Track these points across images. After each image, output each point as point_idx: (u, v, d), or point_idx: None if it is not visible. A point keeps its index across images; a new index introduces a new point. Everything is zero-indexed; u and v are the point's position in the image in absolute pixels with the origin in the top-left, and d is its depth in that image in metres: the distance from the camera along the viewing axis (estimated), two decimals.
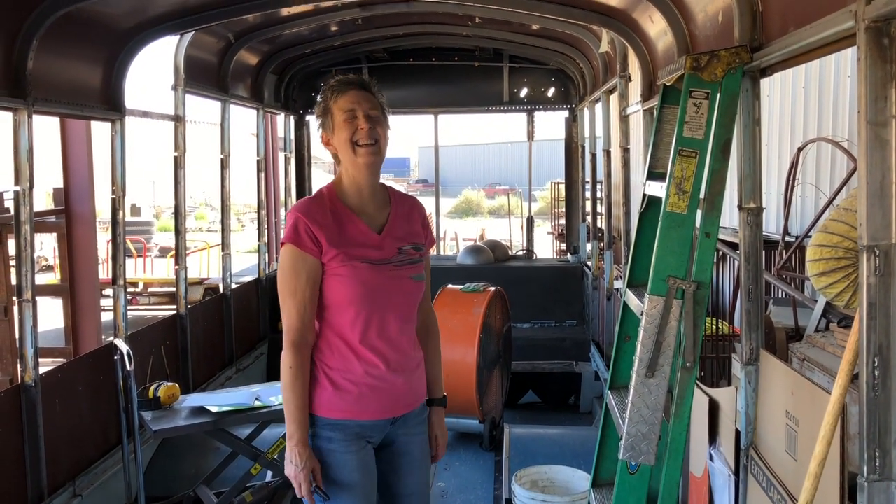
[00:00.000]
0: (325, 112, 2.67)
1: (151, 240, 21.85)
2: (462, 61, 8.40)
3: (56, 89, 4.20)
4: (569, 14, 5.03)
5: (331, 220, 2.62)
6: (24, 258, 3.92)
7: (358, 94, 2.65)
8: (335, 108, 2.65)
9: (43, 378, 4.06)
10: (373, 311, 2.62)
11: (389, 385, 2.66)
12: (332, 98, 2.66)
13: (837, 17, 2.02)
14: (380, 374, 2.64)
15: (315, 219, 2.59)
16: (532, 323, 8.10)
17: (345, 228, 2.63)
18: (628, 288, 3.11)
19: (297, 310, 2.56)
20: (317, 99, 2.75)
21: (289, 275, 2.58)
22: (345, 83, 2.68)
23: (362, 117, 2.62)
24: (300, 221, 2.58)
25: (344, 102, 2.64)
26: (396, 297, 2.67)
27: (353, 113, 2.62)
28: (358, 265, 2.60)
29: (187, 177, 5.77)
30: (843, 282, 3.24)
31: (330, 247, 2.58)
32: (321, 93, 2.73)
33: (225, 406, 4.20)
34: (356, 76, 2.76)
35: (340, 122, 2.63)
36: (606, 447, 3.24)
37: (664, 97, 3.01)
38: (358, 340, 2.61)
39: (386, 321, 2.64)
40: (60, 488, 4.23)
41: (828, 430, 2.05)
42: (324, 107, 2.68)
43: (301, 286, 2.56)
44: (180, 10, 4.98)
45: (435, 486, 5.34)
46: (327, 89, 2.69)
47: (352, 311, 2.60)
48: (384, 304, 2.64)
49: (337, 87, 2.67)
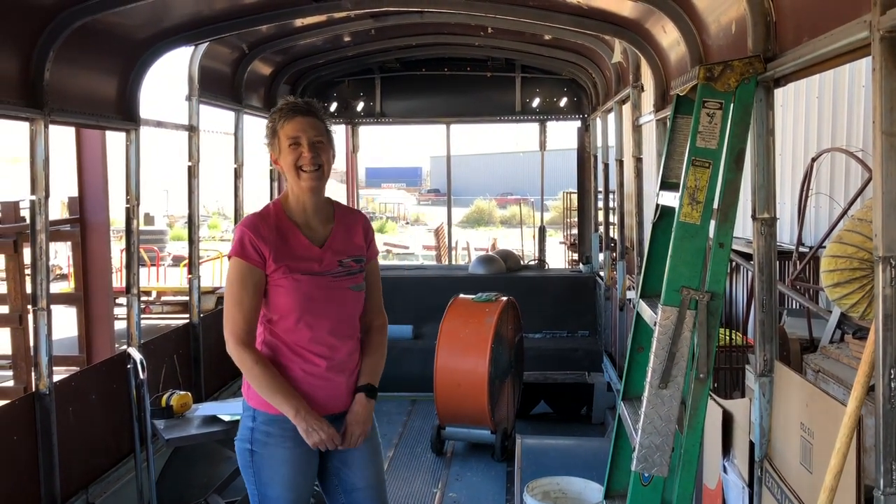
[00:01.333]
0: (273, 134, 2.86)
1: (165, 249, 21.95)
2: (474, 71, 8.42)
3: (72, 99, 4.24)
4: (581, 24, 5.03)
5: (275, 236, 2.83)
6: (39, 267, 3.94)
7: (303, 122, 2.82)
8: (281, 134, 2.83)
9: (57, 386, 4.08)
10: (312, 318, 2.84)
11: (329, 384, 2.89)
12: (278, 122, 2.84)
13: (852, 27, 2.01)
14: (319, 373, 2.87)
15: (260, 234, 2.81)
16: (544, 333, 8.08)
17: (288, 243, 2.85)
18: (641, 298, 3.10)
19: (242, 316, 2.81)
20: (266, 121, 2.92)
21: (236, 285, 2.81)
22: (291, 109, 2.84)
23: (306, 145, 2.81)
24: (246, 236, 2.80)
25: (290, 129, 2.82)
26: (334, 305, 2.89)
27: (297, 140, 2.80)
28: (299, 277, 2.82)
29: (201, 186, 5.80)
30: (858, 293, 3.22)
31: (273, 261, 2.80)
32: (270, 114, 2.92)
33: (237, 415, 4.20)
34: (303, 101, 2.91)
35: (286, 147, 2.82)
36: (619, 458, 3.22)
37: (677, 107, 3.00)
38: (297, 343, 2.85)
39: (324, 327, 2.86)
40: (73, 496, 4.24)
41: (843, 443, 2.03)
42: (272, 129, 2.86)
43: (248, 296, 2.80)
44: (195, 22, 5.02)
45: (447, 496, 5.32)
46: (275, 112, 2.88)
47: (293, 317, 2.84)
48: (322, 311, 2.86)
49: (284, 114, 2.84)
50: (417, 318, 7.71)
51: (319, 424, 2.79)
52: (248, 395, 2.92)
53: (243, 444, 2.91)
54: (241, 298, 2.81)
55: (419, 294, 7.91)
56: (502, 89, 8.51)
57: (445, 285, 7.57)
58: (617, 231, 7.36)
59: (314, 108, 2.88)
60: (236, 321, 2.81)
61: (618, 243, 7.16)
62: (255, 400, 2.88)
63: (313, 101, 2.94)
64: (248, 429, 2.89)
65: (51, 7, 3.86)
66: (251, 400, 2.91)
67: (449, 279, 8.36)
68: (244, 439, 2.91)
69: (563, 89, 8.48)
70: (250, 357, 2.81)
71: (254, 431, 2.87)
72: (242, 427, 2.94)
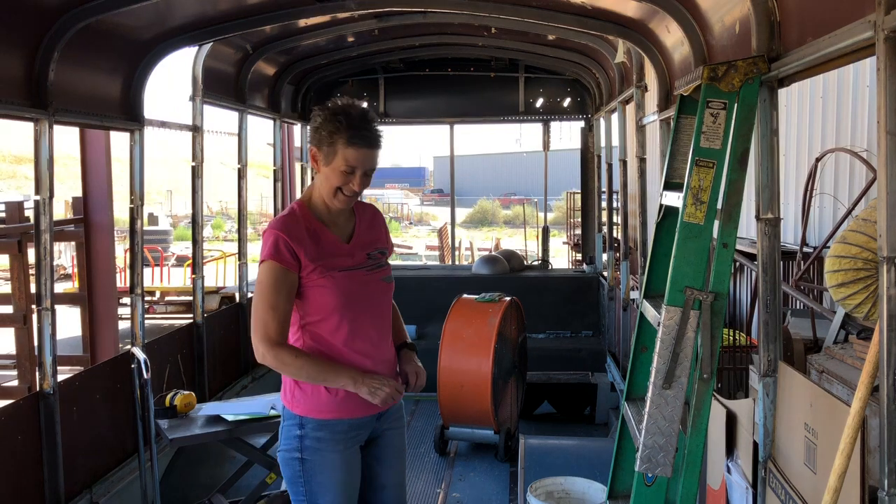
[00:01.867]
0: (331, 143, 2.70)
1: (168, 249, 21.99)
2: (478, 71, 8.43)
3: (76, 100, 4.25)
4: (585, 24, 5.03)
5: (307, 236, 2.76)
6: (43, 267, 3.95)
7: (368, 154, 2.72)
8: (340, 153, 2.70)
9: (61, 386, 4.09)
10: (354, 316, 2.80)
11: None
12: (344, 140, 2.69)
13: (856, 27, 2.01)
14: (365, 370, 2.81)
15: (294, 235, 2.73)
16: (547, 333, 8.08)
17: (320, 242, 2.79)
18: (645, 298, 3.09)
19: (276, 321, 2.69)
20: (326, 114, 2.73)
21: (269, 290, 2.70)
22: (364, 138, 2.70)
23: (358, 176, 2.74)
24: (280, 238, 2.71)
25: (352, 157, 2.70)
26: (372, 299, 2.86)
27: (354, 170, 2.72)
28: (336, 275, 2.77)
29: (204, 186, 5.81)
30: (862, 293, 3.21)
31: (309, 261, 2.73)
32: (336, 117, 2.70)
33: (241, 415, 4.21)
34: (375, 130, 2.75)
35: (339, 169, 2.72)
36: (623, 459, 3.22)
37: (681, 107, 3.00)
38: (342, 344, 2.79)
39: (366, 323, 2.83)
40: (77, 496, 4.25)
41: (848, 443, 2.02)
42: (332, 136, 2.69)
43: (282, 300, 2.70)
44: (199, 22, 5.03)
45: (450, 496, 5.32)
46: (346, 127, 2.68)
47: (335, 317, 2.78)
48: (363, 307, 2.82)
49: (353, 137, 2.68)
50: (421, 319, 7.71)
51: (381, 381, 2.75)
52: (293, 404, 2.83)
53: (291, 455, 2.82)
54: (275, 303, 2.70)
55: (423, 294, 7.92)
56: (506, 89, 8.51)
57: (449, 285, 7.58)
58: (620, 231, 7.35)
59: (380, 141, 2.77)
60: (269, 326, 2.69)
61: (621, 243, 7.16)
62: (302, 407, 2.81)
63: (380, 129, 2.80)
64: (296, 437, 2.81)
65: (55, 8, 3.87)
66: (297, 408, 2.82)
67: (452, 279, 8.37)
68: (292, 449, 2.82)
69: (566, 89, 8.48)
70: (288, 353, 2.72)
71: (303, 439, 2.79)
72: (287, 437, 2.84)
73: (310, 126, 2.80)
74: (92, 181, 7.74)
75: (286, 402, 2.88)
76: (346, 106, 2.74)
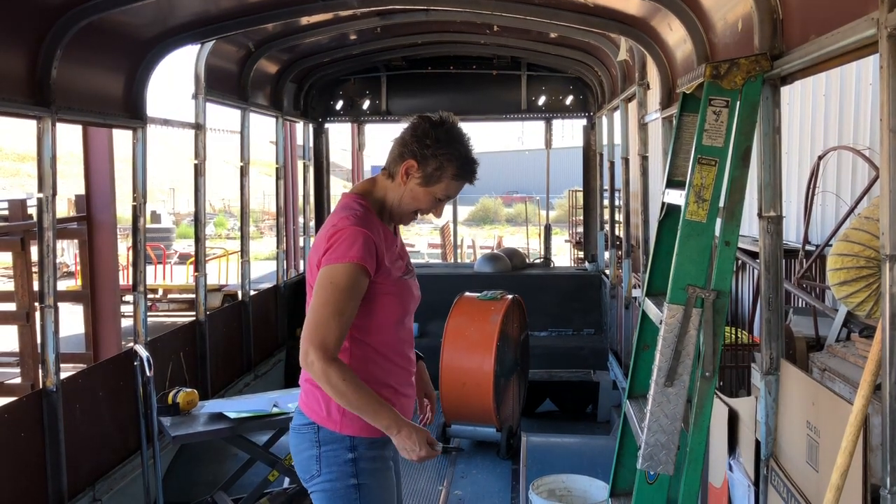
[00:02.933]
0: (439, 168, 2.54)
1: (171, 246, 22.01)
2: (480, 69, 8.41)
3: (79, 98, 4.25)
4: (587, 22, 5.02)
5: (382, 238, 2.55)
6: (46, 264, 3.96)
7: (463, 186, 2.63)
8: (445, 182, 2.57)
9: (64, 383, 4.09)
10: (408, 324, 2.68)
11: (412, 391, 2.75)
12: (454, 170, 2.56)
13: (859, 25, 2.01)
14: (409, 381, 2.71)
15: (378, 235, 2.52)
16: (550, 331, 8.08)
17: (389, 245, 2.59)
18: (647, 297, 3.10)
19: (340, 329, 2.42)
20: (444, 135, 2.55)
21: (344, 294, 2.43)
22: (472, 176, 2.63)
23: (444, 205, 2.66)
24: (368, 239, 2.46)
25: (454, 188, 2.60)
26: (415, 307, 2.74)
27: (447, 198, 2.62)
28: (401, 281, 2.62)
29: (207, 184, 5.82)
30: (864, 291, 3.21)
31: (388, 265, 2.54)
32: (455, 145, 2.56)
33: (243, 412, 4.22)
34: (478, 165, 2.64)
35: (433, 194, 2.58)
36: (624, 456, 3.22)
37: (683, 105, 3.00)
38: (400, 354, 2.65)
39: (411, 332, 2.73)
40: (80, 493, 4.26)
41: (850, 442, 2.02)
42: (444, 162, 2.54)
43: (351, 307, 2.45)
44: (201, 20, 5.03)
45: (452, 493, 5.33)
46: (461, 160, 2.56)
47: (399, 326, 2.63)
48: (412, 316, 2.72)
49: (466, 174, 2.60)
50: (423, 316, 7.66)
51: (421, 437, 2.46)
52: (342, 423, 2.53)
53: (346, 482, 2.52)
54: (343, 309, 2.42)
55: (424, 292, 7.86)
56: (508, 87, 8.50)
57: (451, 283, 7.57)
58: (622, 229, 7.35)
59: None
60: (331, 333, 2.39)
61: (623, 241, 7.16)
62: (353, 427, 2.52)
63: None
64: (349, 461, 2.52)
65: (58, 5, 3.87)
66: (346, 428, 2.53)
67: (454, 277, 8.36)
68: (346, 475, 2.53)
69: (568, 87, 8.47)
70: (338, 372, 2.38)
71: (357, 462, 2.52)
72: (335, 463, 2.53)
73: (413, 134, 2.57)
74: (95, 179, 7.75)
75: (324, 422, 2.55)
76: (462, 133, 2.60)
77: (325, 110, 8.62)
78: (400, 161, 2.57)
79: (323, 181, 8.93)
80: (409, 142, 2.56)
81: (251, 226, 7.00)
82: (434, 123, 2.57)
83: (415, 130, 2.57)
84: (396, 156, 2.58)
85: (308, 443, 2.57)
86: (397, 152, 2.59)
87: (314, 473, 2.56)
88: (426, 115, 2.61)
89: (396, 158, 2.58)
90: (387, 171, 2.62)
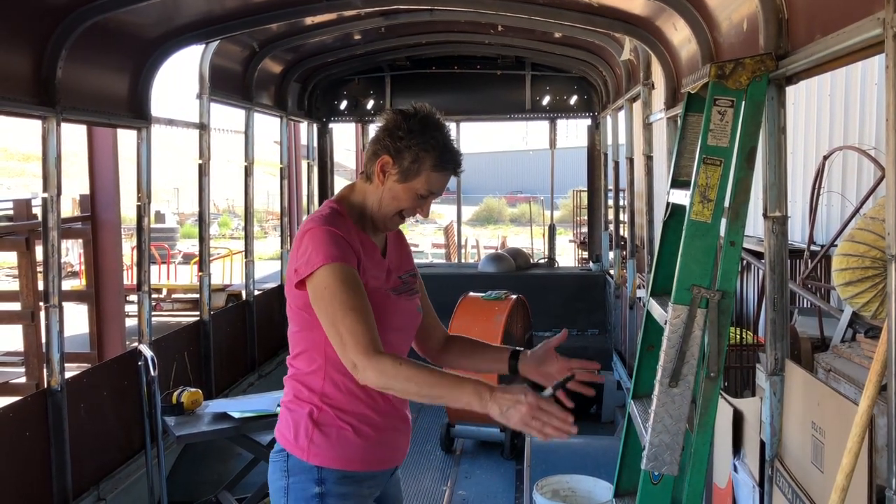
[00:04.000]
0: (416, 160, 2.28)
1: (175, 246, 22.04)
2: (484, 69, 8.42)
3: (84, 98, 4.26)
4: (591, 22, 5.02)
5: (358, 241, 2.28)
6: (51, 264, 3.97)
7: (447, 179, 2.35)
8: (425, 175, 2.29)
9: (68, 383, 4.10)
10: (396, 345, 2.32)
11: (406, 427, 2.42)
12: (433, 161, 2.29)
13: (865, 25, 2.00)
14: (399, 415, 2.38)
15: (350, 235, 2.26)
16: (554, 331, 7.98)
17: (367, 252, 2.31)
18: (651, 297, 3.09)
19: (363, 323, 2.11)
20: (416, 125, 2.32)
21: (348, 292, 2.14)
22: (455, 165, 2.34)
23: (430, 202, 2.37)
24: (336, 236, 2.20)
25: (436, 181, 2.31)
26: (407, 330, 2.44)
27: (430, 194, 2.34)
28: (381, 292, 2.30)
29: (211, 184, 5.82)
30: (870, 291, 3.20)
31: (362, 269, 2.25)
32: (430, 132, 2.30)
33: (247, 412, 4.22)
34: (460, 156, 2.38)
35: (414, 190, 2.30)
36: (629, 457, 3.22)
37: (688, 105, 2.99)
38: (359, 386, 2.21)
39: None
40: (84, 492, 4.27)
41: (855, 442, 2.02)
42: (420, 153, 2.28)
43: (358, 298, 2.15)
44: (206, 20, 5.04)
45: (456, 494, 5.33)
46: (440, 148, 2.29)
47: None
48: (402, 336, 2.40)
49: (447, 162, 2.31)
50: None
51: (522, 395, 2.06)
52: (309, 451, 2.25)
53: None
54: (356, 304, 2.12)
55: (429, 292, 7.89)
56: (512, 87, 8.50)
57: (455, 283, 7.57)
58: (627, 229, 7.34)
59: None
60: (361, 333, 2.09)
61: (628, 241, 7.15)
62: (321, 456, 2.25)
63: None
64: (315, 497, 2.24)
65: (63, 6, 3.88)
66: (314, 458, 2.25)
67: (458, 277, 8.37)
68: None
69: (573, 87, 8.46)
70: (390, 361, 2.07)
71: (325, 498, 2.24)
72: (303, 497, 2.25)
73: (385, 129, 2.33)
74: (99, 179, 7.77)
75: (292, 448, 2.29)
76: (438, 121, 2.36)
77: (330, 110, 8.63)
78: (374, 159, 2.31)
79: (327, 181, 8.94)
80: (381, 137, 2.33)
81: (255, 226, 7.01)
82: (406, 115, 2.34)
83: (386, 125, 2.33)
84: (371, 154, 2.33)
85: (279, 472, 2.31)
86: (371, 151, 2.34)
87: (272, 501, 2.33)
88: (398, 108, 2.38)
89: (371, 157, 2.33)
90: (364, 173, 2.37)
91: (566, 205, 26.60)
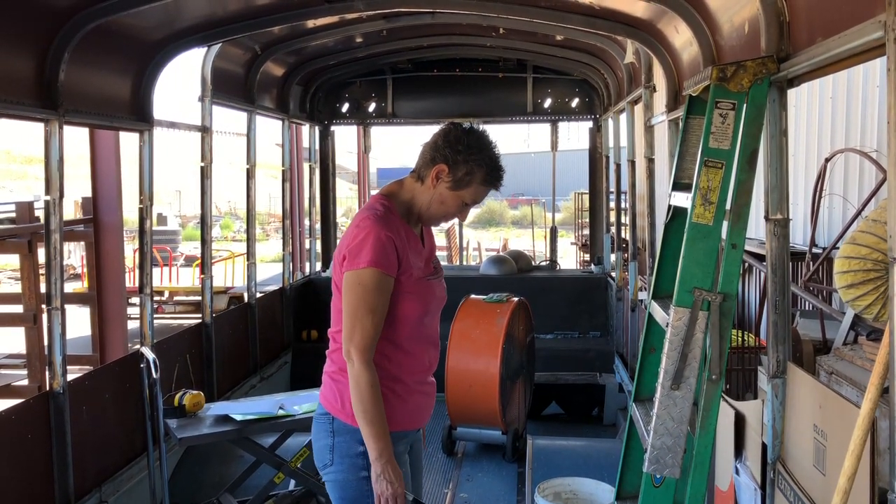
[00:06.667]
0: (469, 172, 2.61)
1: (177, 249, 22.06)
2: (486, 72, 8.42)
3: (86, 100, 4.26)
4: (593, 25, 5.02)
5: (405, 240, 2.62)
6: (53, 266, 3.97)
7: (488, 192, 2.70)
8: (473, 187, 2.64)
9: (70, 385, 4.11)
10: (430, 323, 2.72)
11: (433, 391, 2.80)
12: (482, 176, 2.63)
13: (866, 28, 2.00)
14: (431, 381, 2.78)
15: (399, 236, 2.59)
16: (555, 334, 8.07)
17: (412, 246, 2.65)
18: (653, 299, 3.09)
19: (374, 328, 2.52)
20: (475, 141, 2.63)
21: (372, 293, 2.52)
22: (498, 182, 2.69)
23: (469, 210, 2.72)
24: (388, 240, 2.53)
25: (481, 194, 2.67)
26: (439, 311, 2.78)
27: (473, 203, 2.68)
28: (423, 282, 2.67)
29: (213, 186, 5.83)
30: (871, 294, 3.20)
31: (408, 265, 2.60)
32: (485, 151, 2.64)
33: (249, 414, 4.22)
34: (504, 173, 2.71)
35: (461, 198, 2.65)
36: (631, 459, 3.22)
37: (690, 108, 2.99)
38: (419, 349, 2.69)
39: (436, 332, 2.78)
40: (86, 495, 4.27)
41: (857, 445, 2.02)
42: (474, 167, 2.61)
43: (381, 304, 2.54)
44: (208, 23, 5.05)
45: (457, 496, 5.32)
46: (490, 166, 2.63)
47: (419, 325, 2.67)
48: (435, 316, 2.75)
49: (493, 179, 2.66)
50: None
51: (398, 478, 2.51)
52: (354, 417, 2.57)
53: (356, 474, 2.58)
54: (375, 307, 2.52)
55: None
56: (514, 90, 8.50)
57: (456, 286, 7.53)
58: (629, 232, 7.34)
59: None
60: (367, 333, 2.51)
61: (629, 244, 7.15)
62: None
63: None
64: (360, 454, 2.56)
65: (66, 9, 3.89)
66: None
67: (460, 279, 8.36)
68: (357, 467, 2.58)
69: (574, 90, 8.47)
70: (368, 377, 2.50)
71: (368, 455, 2.54)
72: (348, 454, 2.60)
73: (445, 139, 2.63)
74: (101, 181, 7.78)
75: (339, 414, 2.63)
76: (492, 142, 2.68)
77: (331, 113, 8.64)
78: (431, 165, 2.62)
79: (329, 183, 8.94)
80: (441, 146, 2.62)
81: (257, 228, 7.02)
82: (466, 130, 2.64)
83: (447, 136, 2.63)
84: (428, 160, 2.63)
85: (324, 432, 2.66)
86: (429, 156, 2.63)
87: (327, 462, 2.64)
88: (457, 122, 2.68)
89: (428, 162, 2.63)
90: (416, 173, 2.68)
91: (568, 207, 26.61)
